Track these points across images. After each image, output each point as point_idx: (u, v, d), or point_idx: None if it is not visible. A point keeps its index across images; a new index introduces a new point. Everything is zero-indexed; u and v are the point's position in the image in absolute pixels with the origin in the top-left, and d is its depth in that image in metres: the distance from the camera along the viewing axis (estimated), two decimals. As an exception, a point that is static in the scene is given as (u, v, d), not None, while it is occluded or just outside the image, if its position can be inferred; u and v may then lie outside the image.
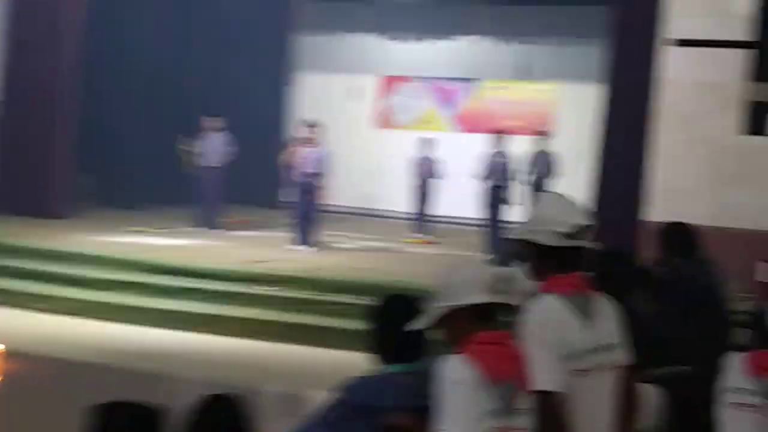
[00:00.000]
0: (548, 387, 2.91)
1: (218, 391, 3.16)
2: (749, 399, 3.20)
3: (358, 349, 8.45)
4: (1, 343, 7.34)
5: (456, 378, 2.68)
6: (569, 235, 3.04)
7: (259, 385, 7.88)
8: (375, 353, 3.22)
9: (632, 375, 3.30)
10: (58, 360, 7.95)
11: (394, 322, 3.15)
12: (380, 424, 2.98)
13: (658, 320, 5.63)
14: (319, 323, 8.95)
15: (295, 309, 9.23)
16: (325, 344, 8.70)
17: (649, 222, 10.35)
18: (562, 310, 3.04)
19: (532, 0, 15.89)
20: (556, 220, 3.04)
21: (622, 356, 3.18)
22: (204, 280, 9.77)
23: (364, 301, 9.03)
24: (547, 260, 3.10)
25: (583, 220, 3.08)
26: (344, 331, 8.68)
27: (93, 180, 15.86)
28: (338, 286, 9.47)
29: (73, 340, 8.71)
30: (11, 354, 7.38)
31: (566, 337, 2.99)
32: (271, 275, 9.75)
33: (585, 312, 3.08)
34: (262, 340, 8.90)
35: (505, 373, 2.77)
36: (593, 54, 14.98)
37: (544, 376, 2.91)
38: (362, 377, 3.17)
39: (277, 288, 9.53)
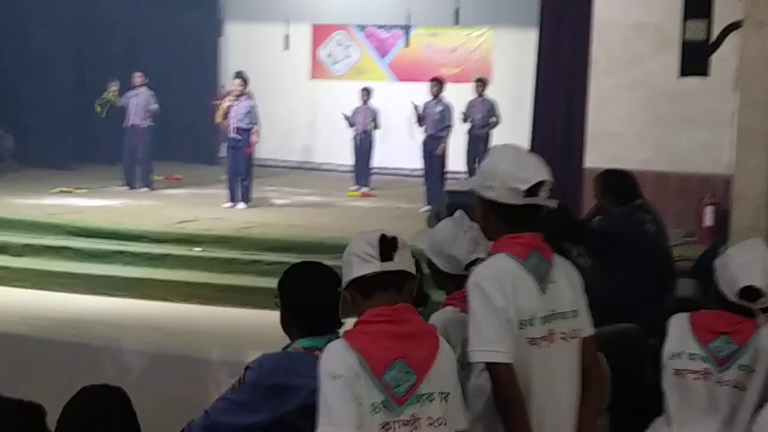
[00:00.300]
0: (495, 359, 2.58)
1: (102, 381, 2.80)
2: (693, 365, 3.00)
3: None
4: None
5: (332, 370, 2.28)
6: (527, 192, 2.72)
7: (190, 349, 7.58)
8: (287, 327, 2.91)
9: (594, 347, 2.95)
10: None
11: (304, 293, 2.87)
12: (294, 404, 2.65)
13: (596, 276, 5.39)
14: (251, 284, 8.54)
15: (225, 270, 8.84)
16: (258, 305, 8.31)
17: (588, 169, 10.13)
18: (516, 273, 2.69)
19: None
20: (513, 175, 2.69)
21: (582, 325, 2.84)
22: (130, 243, 9.33)
23: (293, 259, 8.83)
24: (501, 218, 2.77)
25: (542, 176, 2.76)
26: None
27: (10, 138, 15.21)
28: (270, 245, 9.08)
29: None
30: None
31: (519, 301, 2.65)
32: (201, 235, 9.35)
33: (541, 275, 2.74)
34: (193, 303, 8.52)
35: (397, 357, 2.33)
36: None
37: (489, 346, 2.58)
38: (273, 354, 2.83)
39: (204, 248, 9.12)
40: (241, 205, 11.38)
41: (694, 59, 4.58)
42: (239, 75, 11.64)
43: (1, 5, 13.92)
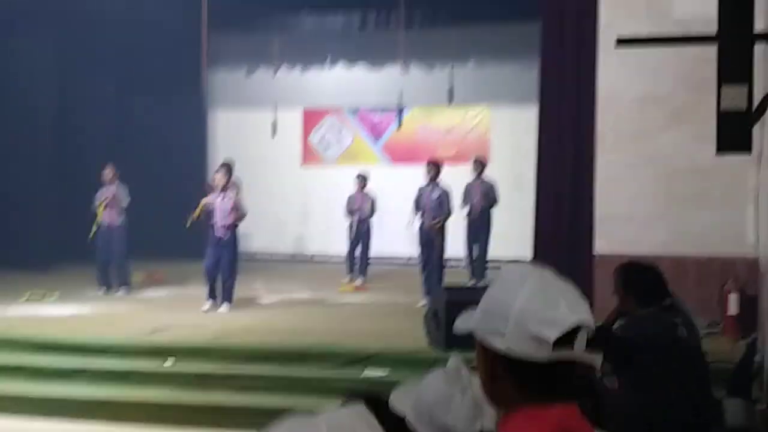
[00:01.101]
0: None
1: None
2: None
3: None
4: None
5: None
6: (558, 343, 1.76)
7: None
8: None
9: None
10: None
11: None
12: None
13: (624, 398, 4.50)
14: (227, 402, 7.51)
15: (198, 386, 7.79)
16: (233, 426, 7.32)
17: (598, 255, 9.38)
18: None
19: (455, 21, 14.84)
20: (535, 316, 1.75)
21: None
22: (94, 357, 8.28)
23: (281, 371, 7.86)
24: (517, 380, 1.81)
25: (578, 317, 1.80)
26: (259, 410, 7.32)
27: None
28: (249, 355, 8.07)
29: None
30: None
31: None
32: (174, 347, 8.31)
33: None
34: (161, 426, 7.45)
35: None
36: (526, 73, 14.19)
37: None
38: None
39: (176, 362, 8.10)
40: (224, 307, 10.44)
41: (734, 132, 3.68)
42: (220, 170, 10.83)
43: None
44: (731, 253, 8.96)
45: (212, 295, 10.55)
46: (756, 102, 3.94)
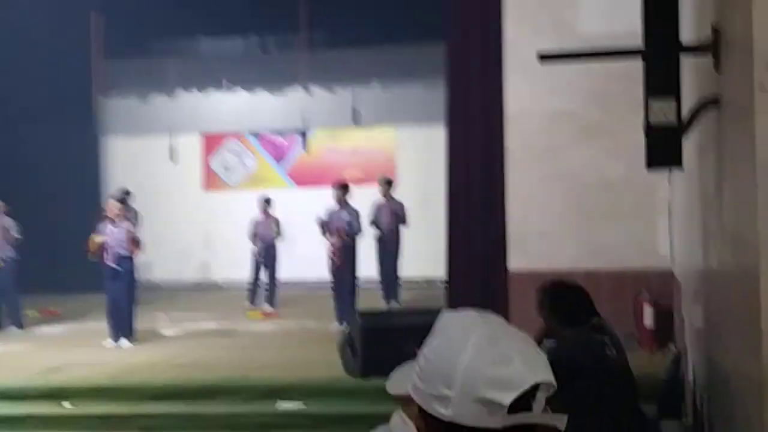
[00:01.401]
0: None
1: None
2: None
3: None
4: None
5: None
6: (513, 406, 1.45)
7: None
8: None
9: None
10: None
11: None
12: None
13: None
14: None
15: (100, 428, 7.28)
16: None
17: (512, 272, 9.24)
18: None
19: (357, 43, 14.65)
20: (485, 375, 1.44)
21: None
22: (-16, 403, 7.72)
23: (189, 408, 7.43)
24: None
25: (537, 375, 1.50)
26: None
27: None
28: (153, 393, 7.55)
29: None
30: None
31: None
32: (72, 387, 7.74)
33: None
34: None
35: None
36: (431, 93, 14.12)
37: None
38: None
39: (74, 403, 7.56)
40: (125, 342, 9.87)
41: (664, 147, 3.48)
42: (114, 196, 10.37)
43: None
44: (644, 265, 8.90)
45: (113, 330, 9.97)
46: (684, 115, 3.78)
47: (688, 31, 3.85)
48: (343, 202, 11.16)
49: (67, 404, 7.55)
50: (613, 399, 4.55)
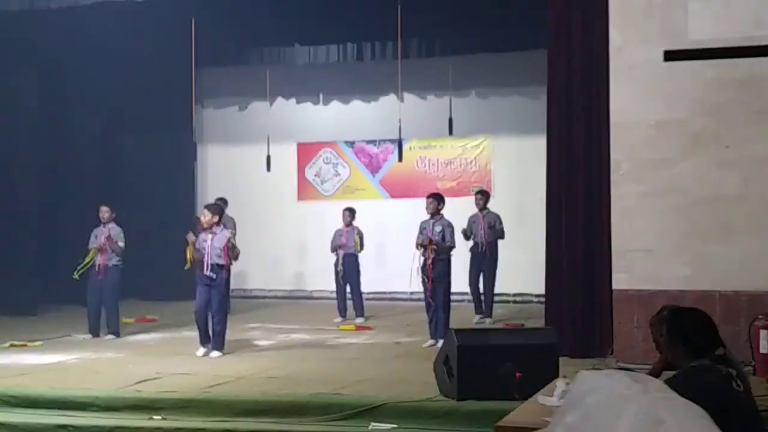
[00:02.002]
0: None
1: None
2: None
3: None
4: None
5: None
6: None
7: None
8: None
9: None
10: None
11: None
12: None
13: None
14: (221, 461, 6.87)
15: (191, 443, 7.13)
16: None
17: (617, 291, 8.75)
18: None
19: (453, 51, 14.41)
20: None
21: None
22: (76, 413, 7.52)
23: (279, 425, 7.17)
24: None
25: None
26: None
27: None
28: (244, 408, 7.32)
29: None
30: None
31: None
32: (162, 399, 7.55)
33: None
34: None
35: None
36: (530, 103, 13.81)
37: None
38: None
39: (164, 416, 7.37)
40: (215, 354, 9.71)
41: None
42: (210, 207, 10.26)
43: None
44: (760, 287, 8.33)
45: (205, 340, 9.83)
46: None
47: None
48: (437, 214, 10.78)
49: (157, 417, 7.39)
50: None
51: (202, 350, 9.80)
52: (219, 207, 10.45)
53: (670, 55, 3.74)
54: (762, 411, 5.38)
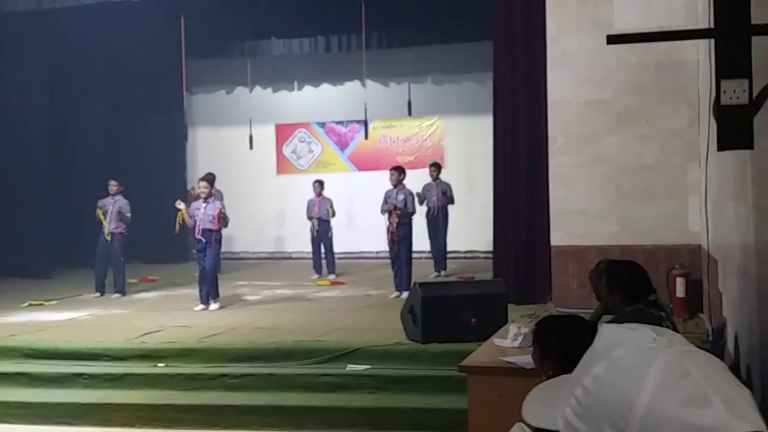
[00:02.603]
0: None
1: None
2: None
3: (261, 428, 6.39)
4: None
5: None
6: None
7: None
8: None
9: None
10: None
11: None
12: None
13: None
14: (218, 401, 6.71)
15: (190, 387, 6.95)
16: (224, 425, 6.53)
17: (555, 246, 8.72)
18: None
19: (410, 41, 14.25)
20: (678, 420, 0.94)
21: None
22: (90, 362, 7.40)
23: (268, 369, 7.08)
24: None
25: (749, 422, 0.97)
26: (246, 407, 6.58)
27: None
28: (237, 355, 7.24)
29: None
30: None
31: None
32: (165, 349, 7.46)
33: None
34: (155, 427, 6.63)
35: None
36: (477, 87, 13.75)
37: None
38: None
39: (167, 364, 7.26)
40: (213, 306, 9.58)
41: (736, 128, 2.93)
42: (204, 178, 10.12)
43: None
44: (676, 242, 8.37)
45: (205, 297, 9.68)
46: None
47: (758, 12, 3.27)
48: (399, 184, 10.68)
49: (160, 365, 7.27)
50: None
51: (200, 305, 9.65)
52: (211, 180, 10.26)
53: (612, 39, 3.60)
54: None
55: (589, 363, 1.02)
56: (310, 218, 12.73)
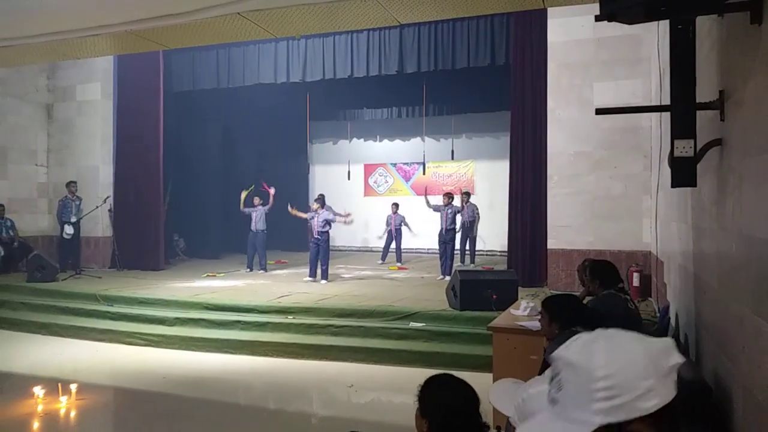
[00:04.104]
0: None
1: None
2: None
3: (353, 361, 6.41)
4: (109, 370, 5.36)
5: None
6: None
7: (285, 389, 5.73)
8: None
9: None
10: (127, 390, 5.76)
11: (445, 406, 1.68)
12: None
13: None
14: (326, 342, 6.74)
15: (308, 332, 7.04)
16: (330, 358, 6.56)
17: (550, 249, 8.53)
18: None
19: (454, 110, 14.15)
20: (647, 371, 0.87)
21: None
22: (245, 314, 7.58)
23: (358, 322, 7.08)
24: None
25: (676, 356, 0.93)
26: (344, 347, 6.61)
27: (182, 241, 13.75)
28: (339, 312, 7.30)
29: (147, 366, 6.49)
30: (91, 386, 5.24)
31: None
32: (293, 307, 7.56)
33: None
34: (286, 357, 6.71)
35: None
36: (497, 141, 13.61)
37: None
38: None
39: (294, 317, 7.35)
40: (323, 281, 9.63)
41: (684, 173, 2.82)
42: (316, 199, 10.19)
43: (175, 157, 12.66)
44: (633, 248, 8.09)
45: (312, 273, 9.76)
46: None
47: (701, 93, 3.15)
48: (449, 205, 10.55)
49: (290, 317, 7.35)
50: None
51: (308, 279, 9.71)
52: (322, 199, 10.35)
53: (600, 111, 3.52)
54: (644, 320, 5.19)
55: (532, 382, 1.03)
56: (387, 225, 12.71)
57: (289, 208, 9.98)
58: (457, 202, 11.09)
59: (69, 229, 10.61)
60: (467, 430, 1.65)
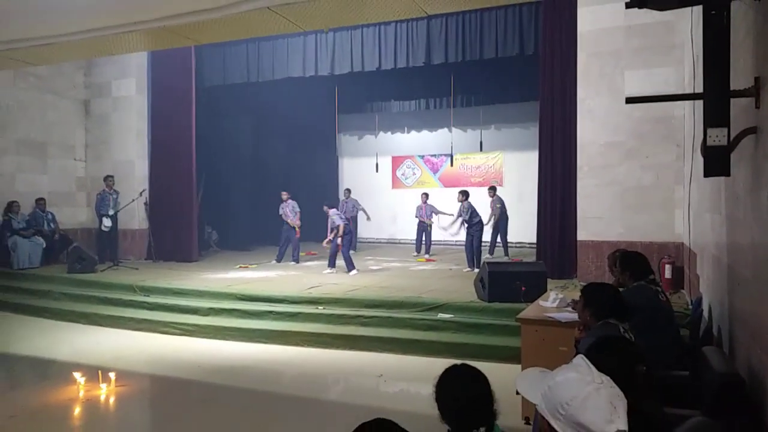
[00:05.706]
0: None
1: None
2: None
3: (382, 351, 6.47)
4: (146, 358, 5.65)
5: None
6: None
7: (317, 377, 5.83)
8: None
9: None
10: (161, 378, 5.94)
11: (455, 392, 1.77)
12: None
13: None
14: (355, 333, 6.81)
15: (338, 322, 7.12)
16: (360, 348, 6.63)
17: (580, 241, 8.42)
18: None
19: (482, 101, 13.98)
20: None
21: None
22: (276, 304, 7.70)
23: (387, 313, 7.13)
24: None
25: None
26: (373, 337, 6.67)
27: (215, 233, 14.01)
28: (368, 303, 7.35)
29: (182, 355, 6.67)
30: (129, 374, 5.43)
31: None
32: (323, 298, 7.64)
33: None
34: (316, 347, 6.81)
35: None
36: (527, 132, 13.39)
37: None
38: None
39: (324, 307, 7.44)
40: (353, 272, 9.69)
41: (717, 162, 2.75)
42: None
43: (207, 151, 12.89)
44: (665, 239, 7.93)
45: (331, 264, 9.81)
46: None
47: (734, 80, 3.07)
48: (463, 201, 10.39)
49: (320, 307, 7.45)
50: (663, 326, 3.90)
51: (328, 270, 9.74)
52: (349, 192, 10.35)
53: (630, 100, 3.47)
54: (676, 312, 5.11)
55: (559, 370, 1.11)
56: (417, 216, 12.63)
57: (324, 243, 10.03)
58: (480, 194, 10.97)
59: (107, 222, 10.93)
60: (475, 416, 1.73)
